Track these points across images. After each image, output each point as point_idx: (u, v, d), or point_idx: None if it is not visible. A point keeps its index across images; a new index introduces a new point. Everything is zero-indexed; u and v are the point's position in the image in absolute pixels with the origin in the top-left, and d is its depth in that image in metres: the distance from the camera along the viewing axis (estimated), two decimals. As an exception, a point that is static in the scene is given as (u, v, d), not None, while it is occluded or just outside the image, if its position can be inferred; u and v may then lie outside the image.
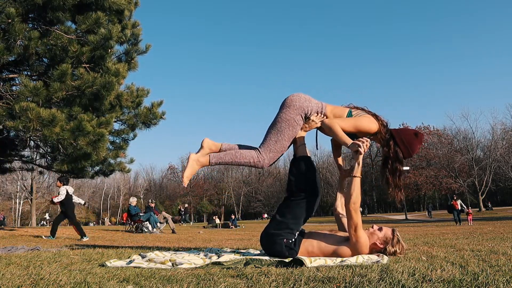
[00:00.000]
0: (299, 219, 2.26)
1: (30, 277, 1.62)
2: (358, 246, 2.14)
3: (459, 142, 46.40)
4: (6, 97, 5.99)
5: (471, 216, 16.30)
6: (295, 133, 2.38)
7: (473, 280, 1.37)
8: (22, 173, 33.68)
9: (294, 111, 2.33)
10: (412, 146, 2.39)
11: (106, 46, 6.12)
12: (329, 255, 2.19)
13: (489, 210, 35.45)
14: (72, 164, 6.97)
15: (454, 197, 17.27)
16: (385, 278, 1.44)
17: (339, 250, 2.17)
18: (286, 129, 2.33)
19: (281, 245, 2.20)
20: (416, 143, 2.40)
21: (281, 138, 2.34)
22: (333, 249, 2.18)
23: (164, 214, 11.89)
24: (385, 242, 2.21)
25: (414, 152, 2.40)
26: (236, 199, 61.28)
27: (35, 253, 2.79)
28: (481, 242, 3.28)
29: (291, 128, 2.33)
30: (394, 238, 2.22)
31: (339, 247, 2.17)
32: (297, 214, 2.26)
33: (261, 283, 1.46)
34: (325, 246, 2.20)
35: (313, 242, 2.23)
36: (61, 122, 5.74)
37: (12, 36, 5.52)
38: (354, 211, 2.14)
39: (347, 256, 2.15)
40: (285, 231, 2.22)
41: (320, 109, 2.41)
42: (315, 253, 2.21)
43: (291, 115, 2.33)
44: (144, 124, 8.53)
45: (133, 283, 1.50)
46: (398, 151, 2.38)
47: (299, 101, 2.36)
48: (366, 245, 2.16)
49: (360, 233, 2.15)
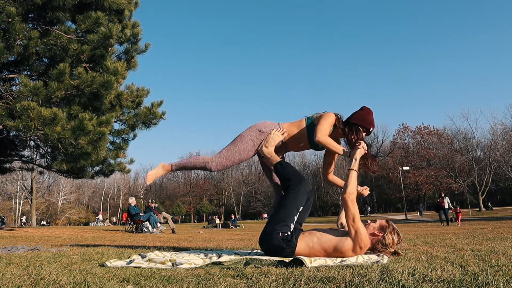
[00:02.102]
0: (291, 209, 2.29)
1: (30, 277, 1.62)
2: (358, 237, 2.14)
3: (459, 142, 46.40)
4: (6, 97, 5.99)
5: (460, 216, 15.50)
6: (246, 148, 2.71)
7: (473, 280, 1.37)
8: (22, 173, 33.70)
9: (250, 129, 2.77)
10: (367, 118, 2.63)
11: (106, 45, 6.12)
12: (330, 250, 2.18)
13: (489, 210, 35.45)
14: (72, 164, 6.96)
15: (442, 194, 16.32)
16: (385, 278, 1.44)
17: (340, 243, 2.16)
18: (239, 142, 2.72)
19: (277, 239, 2.20)
20: (366, 115, 2.64)
21: (232, 148, 2.72)
22: (335, 243, 2.17)
23: (164, 214, 11.90)
24: (382, 229, 2.26)
25: (371, 123, 2.63)
26: (236, 199, 61.29)
27: (35, 253, 2.79)
28: (481, 242, 3.28)
29: (243, 142, 2.73)
30: (389, 226, 2.28)
31: (340, 240, 2.17)
32: (287, 205, 2.31)
33: (261, 283, 1.46)
34: (326, 240, 2.19)
35: (313, 238, 2.23)
36: (62, 121, 5.74)
37: (12, 36, 5.52)
38: (351, 201, 2.19)
39: (348, 249, 2.15)
40: (279, 225, 2.24)
41: (277, 126, 2.75)
42: (315, 248, 2.20)
43: (246, 133, 2.76)
44: (144, 124, 8.53)
45: (133, 283, 1.50)
46: (359, 130, 2.60)
47: (257, 124, 2.82)
48: (365, 234, 2.18)
49: (359, 224, 2.17)
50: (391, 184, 57.62)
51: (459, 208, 16.01)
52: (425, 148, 52.84)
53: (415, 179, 49.36)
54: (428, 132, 54.98)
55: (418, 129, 57.38)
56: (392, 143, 59.85)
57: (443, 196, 15.63)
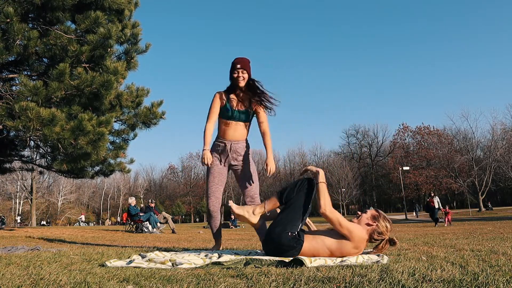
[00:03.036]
0: (297, 208, 2.30)
1: (30, 277, 1.62)
2: (354, 236, 2.18)
3: (459, 142, 46.43)
4: (6, 97, 5.99)
5: (449, 216, 14.55)
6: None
7: (473, 280, 1.37)
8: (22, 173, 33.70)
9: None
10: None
11: (105, 45, 6.12)
12: (335, 250, 2.21)
13: (489, 210, 35.46)
14: (72, 164, 6.96)
15: (431, 193, 15.47)
16: (385, 278, 1.44)
17: (343, 244, 2.20)
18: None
19: (286, 238, 2.22)
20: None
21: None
22: (338, 244, 2.21)
23: (164, 214, 11.90)
24: (374, 219, 2.31)
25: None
26: (236, 199, 61.26)
27: (35, 253, 2.79)
28: (481, 242, 3.28)
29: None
30: (380, 214, 2.33)
31: (342, 241, 2.21)
32: (294, 204, 2.32)
33: (261, 283, 1.46)
34: (332, 243, 2.22)
35: (318, 239, 2.25)
36: (61, 122, 5.74)
37: (12, 36, 5.51)
38: (330, 212, 2.21)
39: (351, 248, 2.19)
40: (288, 225, 2.25)
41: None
42: (320, 249, 2.23)
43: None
44: (144, 124, 8.52)
45: (133, 283, 1.50)
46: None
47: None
48: (358, 228, 2.23)
49: (347, 224, 2.19)
50: (391, 184, 57.65)
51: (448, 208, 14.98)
52: (425, 148, 52.88)
53: (415, 179, 49.39)
54: (428, 132, 55.02)
55: (418, 129, 57.44)
56: (392, 143, 59.89)
57: (432, 196, 15.00)
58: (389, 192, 57.71)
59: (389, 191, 58.05)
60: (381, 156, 62.60)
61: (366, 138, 63.31)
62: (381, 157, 62.40)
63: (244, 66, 3.04)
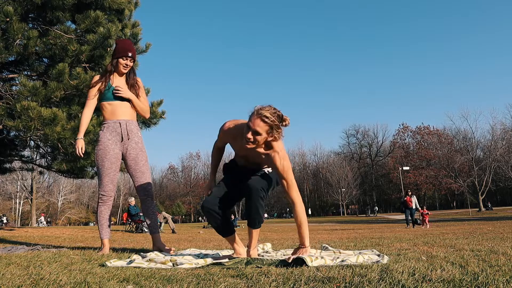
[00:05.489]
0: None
1: (30, 277, 1.62)
2: (287, 168, 2.25)
3: (459, 142, 46.43)
4: (6, 97, 5.99)
5: (427, 217, 13.44)
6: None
7: (473, 280, 1.37)
8: (22, 173, 33.69)
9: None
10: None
11: (105, 45, 6.11)
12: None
13: (489, 210, 35.47)
14: (72, 164, 6.95)
15: (409, 192, 14.33)
16: (385, 278, 1.44)
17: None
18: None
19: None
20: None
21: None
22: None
23: (164, 214, 11.90)
24: (269, 130, 2.20)
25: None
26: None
27: (35, 253, 2.79)
28: (481, 242, 3.28)
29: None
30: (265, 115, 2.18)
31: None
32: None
33: (261, 283, 1.46)
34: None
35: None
36: (62, 121, 5.74)
37: (11, 36, 5.51)
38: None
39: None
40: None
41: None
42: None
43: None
44: (144, 124, 8.52)
45: (133, 283, 1.50)
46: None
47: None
48: (284, 159, 2.25)
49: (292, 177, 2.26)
50: (391, 184, 57.65)
51: (426, 209, 13.96)
52: (425, 148, 52.90)
53: (415, 179, 49.41)
54: (428, 132, 55.05)
55: (418, 129, 57.47)
56: (392, 143, 59.91)
57: (410, 195, 13.98)
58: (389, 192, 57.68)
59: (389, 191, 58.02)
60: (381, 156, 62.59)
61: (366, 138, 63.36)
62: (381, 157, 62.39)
63: (134, 54, 3.16)
